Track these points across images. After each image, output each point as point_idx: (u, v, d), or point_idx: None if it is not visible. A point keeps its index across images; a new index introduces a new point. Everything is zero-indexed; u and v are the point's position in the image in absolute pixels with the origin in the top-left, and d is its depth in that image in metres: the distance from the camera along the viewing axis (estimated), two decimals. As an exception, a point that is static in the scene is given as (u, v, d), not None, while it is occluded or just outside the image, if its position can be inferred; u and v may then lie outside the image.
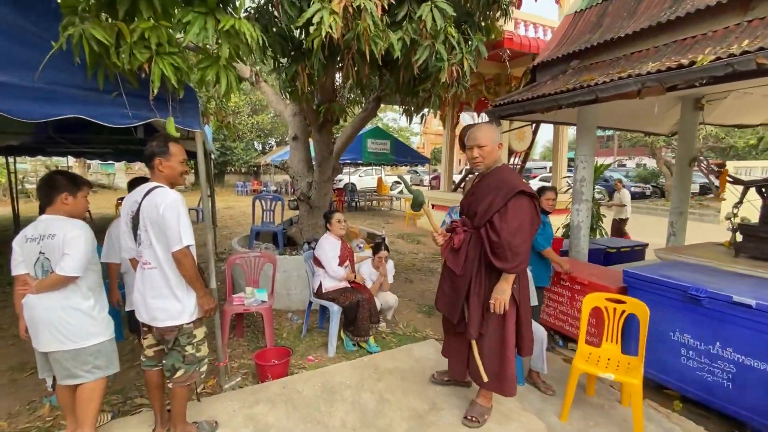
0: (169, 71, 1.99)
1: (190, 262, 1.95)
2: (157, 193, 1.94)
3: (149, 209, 1.92)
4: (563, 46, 4.82)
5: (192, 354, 2.06)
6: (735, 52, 2.62)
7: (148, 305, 1.99)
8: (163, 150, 2.00)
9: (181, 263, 1.93)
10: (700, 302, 2.61)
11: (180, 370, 2.04)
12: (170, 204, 1.89)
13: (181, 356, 2.04)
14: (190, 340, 2.05)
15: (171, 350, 2.04)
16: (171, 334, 2.01)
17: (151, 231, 1.94)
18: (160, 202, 1.90)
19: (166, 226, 1.90)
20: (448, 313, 2.32)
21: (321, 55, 2.55)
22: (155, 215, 1.91)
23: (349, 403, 2.51)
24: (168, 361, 2.05)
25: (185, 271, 1.95)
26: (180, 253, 1.91)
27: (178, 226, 1.89)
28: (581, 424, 2.50)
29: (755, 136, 14.70)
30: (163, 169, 2.02)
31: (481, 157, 2.23)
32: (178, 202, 1.92)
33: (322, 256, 3.50)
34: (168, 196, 1.92)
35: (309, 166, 5.00)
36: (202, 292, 2.06)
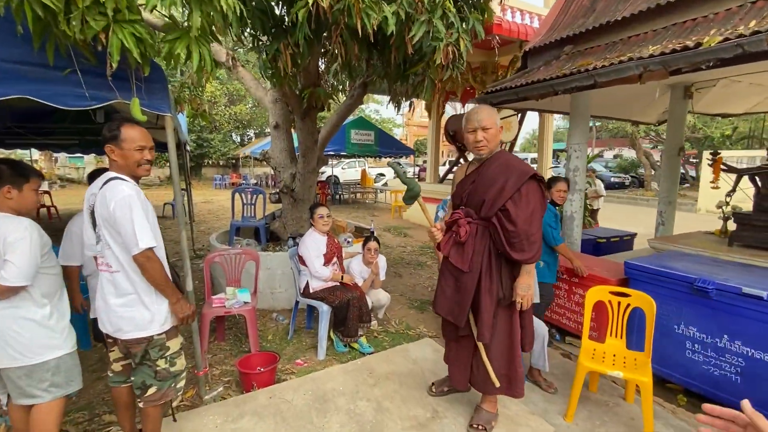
0: (130, 42, 1.71)
1: (155, 267, 1.69)
2: (109, 187, 1.67)
3: (101, 207, 1.66)
4: (555, 31, 4.67)
5: (165, 369, 1.79)
6: (744, 32, 2.51)
7: (112, 314, 1.72)
8: (114, 134, 1.70)
9: (145, 268, 1.67)
10: (707, 294, 2.51)
11: (152, 388, 1.78)
12: (120, 201, 1.63)
13: (152, 372, 1.78)
14: (163, 353, 1.79)
15: (140, 365, 1.78)
16: (138, 347, 1.74)
17: (106, 231, 1.68)
18: (110, 198, 1.63)
19: (119, 226, 1.64)
20: (453, 316, 2.10)
21: (307, 29, 2.28)
22: (106, 213, 1.64)
23: (344, 412, 2.30)
24: (137, 378, 1.78)
25: (150, 277, 1.70)
26: (141, 257, 1.65)
27: (132, 226, 1.62)
28: (588, 425, 2.39)
29: (730, 127, 15.11)
30: (115, 158, 1.73)
31: (485, 140, 2.03)
32: (131, 199, 1.64)
33: (305, 254, 3.25)
34: (118, 191, 1.64)
35: (292, 156, 4.72)
36: (174, 298, 1.79)
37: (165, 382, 1.81)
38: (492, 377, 2.08)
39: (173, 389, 1.85)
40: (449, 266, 2.15)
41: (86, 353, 3.12)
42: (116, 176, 1.72)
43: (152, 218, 1.78)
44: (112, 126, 1.71)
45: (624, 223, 9.47)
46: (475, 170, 2.14)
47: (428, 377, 2.68)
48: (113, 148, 1.71)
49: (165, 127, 2.30)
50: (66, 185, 18.57)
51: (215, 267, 4.16)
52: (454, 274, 2.11)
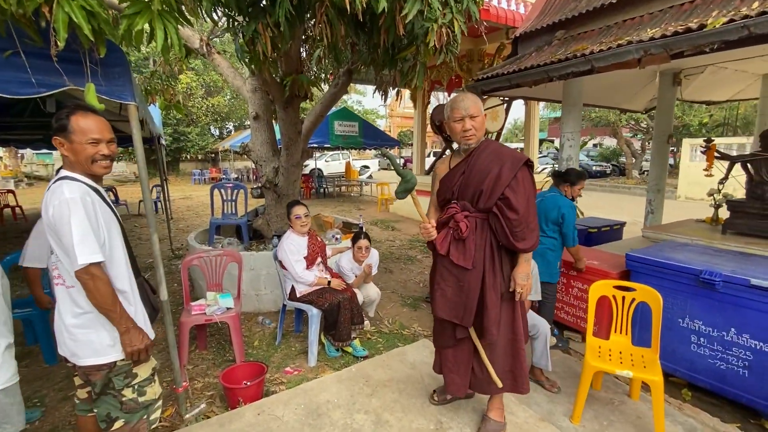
0: (79, 17, 1.45)
1: (98, 287, 1.41)
2: (51, 189, 1.40)
3: (43, 211, 1.40)
4: (546, 16, 4.52)
5: (133, 399, 1.54)
6: (749, 13, 2.39)
7: (66, 336, 1.47)
8: (61, 124, 1.43)
9: (87, 288, 1.40)
10: (713, 287, 2.43)
11: (118, 421, 1.52)
12: (58, 206, 1.36)
13: (117, 402, 1.52)
14: (129, 381, 1.53)
15: (102, 395, 1.51)
16: (97, 374, 1.48)
17: (52, 240, 1.42)
18: (49, 202, 1.37)
19: (59, 236, 1.37)
20: (459, 318, 1.95)
21: (288, 5, 2.04)
22: (47, 220, 1.38)
23: (341, 428, 2.12)
24: (101, 410, 1.52)
25: (93, 299, 1.42)
26: (82, 275, 1.38)
27: (70, 237, 1.34)
28: (595, 426, 2.29)
29: (707, 115, 15.44)
30: (65, 153, 1.46)
31: (474, 129, 1.92)
32: (69, 204, 1.36)
33: (284, 258, 3.01)
34: (57, 195, 1.38)
35: (274, 149, 4.45)
36: (123, 326, 1.47)
37: (134, 414, 1.55)
38: (494, 378, 1.97)
39: (145, 422, 1.60)
40: (447, 265, 1.99)
41: (51, 368, 2.85)
42: (66, 175, 1.45)
43: (109, 226, 1.50)
44: (61, 114, 1.43)
45: (608, 211, 9.55)
46: (462, 161, 2.01)
47: (428, 383, 2.53)
48: (62, 141, 1.44)
49: (129, 116, 2.04)
50: (33, 183, 17.62)
51: (194, 269, 3.90)
52: (455, 274, 1.96)
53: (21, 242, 2.33)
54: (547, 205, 3.09)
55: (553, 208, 3.02)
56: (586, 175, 3.26)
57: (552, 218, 3.02)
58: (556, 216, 2.99)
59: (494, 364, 1.99)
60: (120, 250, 1.54)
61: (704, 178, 4.21)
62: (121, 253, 1.54)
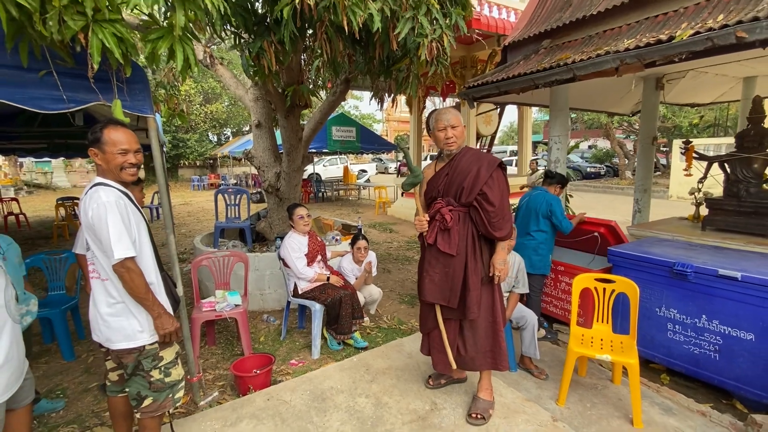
0: (111, 42, 1.65)
1: (133, 278, 1.61)
2: (89, 194, 1.62)
3: (82, 213, 1.62)
4: (533, 26, 4.75)
5: (160, 380, 1.74)
6: (713, 26, 2.62)
7: (101, 323, 1.67)
8: (96, 137, 1.64)
9: (123, 279, 1.61)
10: (686, 277, 2.63)
11: (148, 399, 1.73)
12: (96, 208, 1.57)
13: (146, 383, 1.72)
14: (156, 363, 1.73)
15: (133, 376, 1.72)
16: (129, 357, 1.69)
17: (89, 239, 1.65)
18: (88, 206, 1.59)
19: (97, 235, 1.59)
20: (446, 300, 2.20)
21: (292, 26, 2.25)
22: (86, 221, 1.60)
23: (344, 410, 2.31)
24: (132, 389, 1.73)
25: (129, 289, 1.63)
26: (119, 268, 1.59)
27: (107, 235, 1.56)
28: (579, 407, 2.47)
29: (697, 116, 15.76)
30: (99, 162, 1.68)
31: (455, 137, 2.24)
32: (106, 207, 1.57)
33: (286, 256, 3.22)
34: (95, 198, 1.59)
35: (276, 155, 4.65)
36: (156, 312, 1.69)
37: (161, 393, 1.76)
38: (450, 359, 2.25)
39: (171, 400, 1.80)
40: (435, 253, 2.25)
41: (70, 364, 3.03)
42: (100, 182, 1.66)
43: (138, 225, 1.72)
44: (95, 128, 1.65)
45: (601, 211, 9.77)
46: (446, 165, 2.30)
47: (424, 370, 2.72)
48: (96, 152, 1.66)
49: (147, 128, 2.24)
50: (33, 191, 17.73)
51: (202, 270, 4.08)
52: (441, 261, 2.22)
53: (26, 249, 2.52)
54: (536, 201, 3.33)
55: (542, 203, 3.27)
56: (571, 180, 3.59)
57: (542, 212, 3.27)
58: (545, 209, 3.24)
59: (476, 345, 2.25)
60: (147, 247, 1.74)
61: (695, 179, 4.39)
62: (149, 249, 1.75)
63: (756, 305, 2.37)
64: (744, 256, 2.82)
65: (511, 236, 2.28)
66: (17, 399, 1.70)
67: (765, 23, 2.38)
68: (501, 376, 2.70)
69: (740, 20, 2.50)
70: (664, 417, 2.38)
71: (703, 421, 2.34)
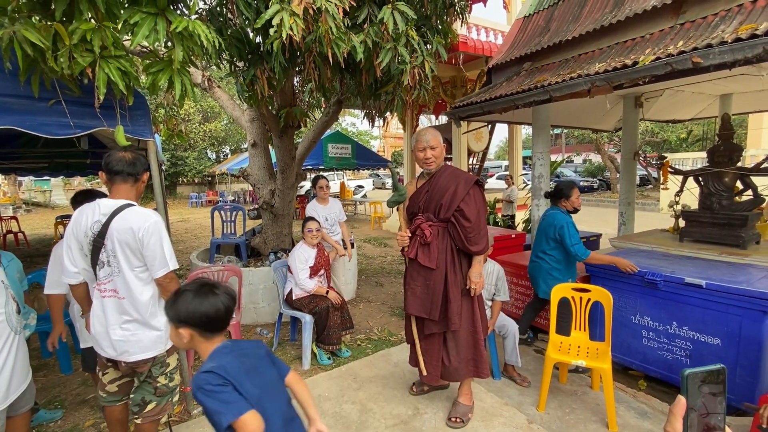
0: (116, 76, 1.83)
1: (177, 287, 1.80)
2: (132, 215, 1.76)
3: (123, 233, 1.73)
4: (515, 49, 5.01)
5: (165, 385, 1.89)
6: (672, 52, 2.84)
7: (117, 338, 1.78)
8: (146, 162, 1.88)
9: (167, 288, 1.80)
10: (656, 286, 2.78)
11: (151, 404, 1.86)
12: (152, 227, 1.76)
13: (152, 388, 1.86)
14: (164, 369, 1.88)
15: (142, 383, 1.86)
16: (145, 366, 1.83)
17: (122, 257, 1.75)
18: (138, 226, 1.73)
19: (147, 251, 1.75)
20: (427, 312, 2.30)
21: (282, 58, 2.45)
22: (130, 240, 1.73)
23: (330, 415, 2.42)
24: (137, 395, 1.86)
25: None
26: (166, 278, 1.79)
27: (162, 249, 1.77)
28: (558, 413, 2.58)
29: (685, 130, 16.15)
30: (143, 183, 1.89)
31: (433, 157, 2.35)
32: (160, 224, 1.80)
33: (292, 264, 3.38)
34: (148, 218, 1.77)
35: (270, 172, 4.83)
36: None
37: (164, 397, 1.89)
38: (421, 367, 2.37)
39: (170, 403, 1.94)
40: (416, 267, 2.37)
41: (68, 377, 3.12)
42: (129, 203, 1.80)
43: None
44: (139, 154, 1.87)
45: (592, 224, 9.94)
46: (426, 182, 2.44)
47: (410, 378, 2.83)
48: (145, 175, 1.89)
49: (147, 150, 2.41)
50: (32, 209, 17.85)
51: (197, 285, 4.20)
52: (422, 274, 2.34)
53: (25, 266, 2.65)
54: (546, 223, 3.23)
55: (550, 225, 3.14)
56: (574, 183, 3.40)
57: (550, 234, 3.14)
58: (553, 233, 3.10)
59: (459, 355, 2.34)
60: None
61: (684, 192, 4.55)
62: None
63: (720, 311, 2.51)
64: (712, 265, 2.97)
65: (487, 250, 2.40)
66: (16, 406, 1.80)
67: (717, 50, 2.60)
68: (485, 383, 2.81)
69: (696, 47, 2.72)
70: (639, 420, 2.49)
71: (675, 424, 2.45)
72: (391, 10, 2.53)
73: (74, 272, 1.82)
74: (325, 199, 4.07)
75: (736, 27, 2.74)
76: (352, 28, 2.60)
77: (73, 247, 1.81)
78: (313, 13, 2.21)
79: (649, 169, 18.78)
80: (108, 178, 1.80)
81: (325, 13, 2.19)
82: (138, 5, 1.88)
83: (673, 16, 3.38)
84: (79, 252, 1.81)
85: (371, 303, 4.78)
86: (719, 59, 2.59)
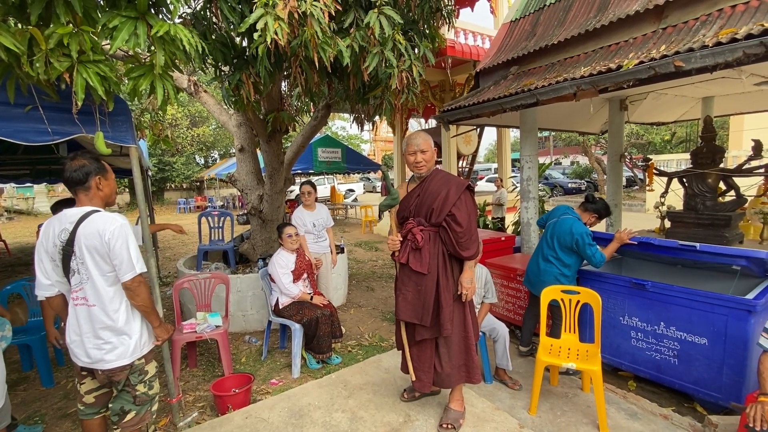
0: (95, 81, 1.78)
1: (145, 291, 1.80)
2: (98, 220, 1.72)
3: (90, 238, 1.70)
4: (502, 53, 5.05)
5: (144, 393, 1.86)
6: (655, 56, 2.88)
7: (90, 347, 1.74)
8: (100, 167, 1.80)
9: (135, 293, 1.77)
10: (644, 287, 2.80)
11: (130, 413, 1.83)
12: (117, 231, 1.73)
13: (131, 397, 1.83)
14: (142, 377, 1.85)
15: (120, 392, 1.82)
16: (121, 374, 1.79)
17: (91, 263, 1.71)
18: (103, 230, 1.70)
19: (114, 255, 1.72)
20: (419, 318, 2.26)
21: (267, 63, 2.43)
22: (98, 244, 1.69)
23: (320, 425, 2.37)
24: (116, 405, 1.82)
25: (141, 301, 1.79)
26: (134, 282, 1.75)
27: (128, 253, 1.73)
28: (549, 416, 2.57)
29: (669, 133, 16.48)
30: (103, 188, 1.82)
31: (424, 161, 2.32)
32: (126, 227, 1.77)
33: (273, 272, 3.33)
34: (113, 222, 1.73)
35: (258, 178, 4.78)
36: (158, 321, 1.91)
37: (143, 406, 1.86)
38: (411, 373, 2.36)
39: (149, 412, 1.90)
40: (407, 273, 2.33)
41: (48, 391, 3.02)
42: (95, 209, 1.77)
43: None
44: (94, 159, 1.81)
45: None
46: (417, 186, 2.40)
47: (401, 384, 2.80)
48: (101, 179, 1.82)
49: (129, 156, 2.36)
50: (14, 217, 17.42)
51: (184, 293, 4.13)
52: (414, 279, 2.30)
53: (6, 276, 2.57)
54: (561, 229, 3.01)
55: (567, 234, 2.95)
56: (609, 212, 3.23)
57: (565, 243, 2.97)
58: (570, 242, 2.93)
59: (451, 361, 2.31)
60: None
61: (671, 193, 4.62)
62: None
63: (706, 311, 2.54)
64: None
65: (479, 255, 2.37)
66: None
67: (698, 54, 2.64)
68: (476, 387, 2.80)
69: (678, 51, 2.76)
70: (630, 421, 2.50)
71: (665, 424, 2.46)
72: (377, 15, 2.52)
73: (48, 284, 1.81)
74: (310, 205, 4.02)
75: (716, 31, 2.80)
76: (338, 32, 2.59)
77: (45, 260, 1.79)
78: (299, 17, 2.18)
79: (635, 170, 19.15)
80: (67, 187, 1.80)
81: (310, 17, 2.17)
82: (117, 9, 1.84)
83: (656, 20, 3.44)
84: (51, 263, 1.79)
85: (362, 308, 4.74)
86: (700, 63, 2.64)
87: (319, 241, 4.03)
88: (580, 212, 3.17)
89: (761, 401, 1.73)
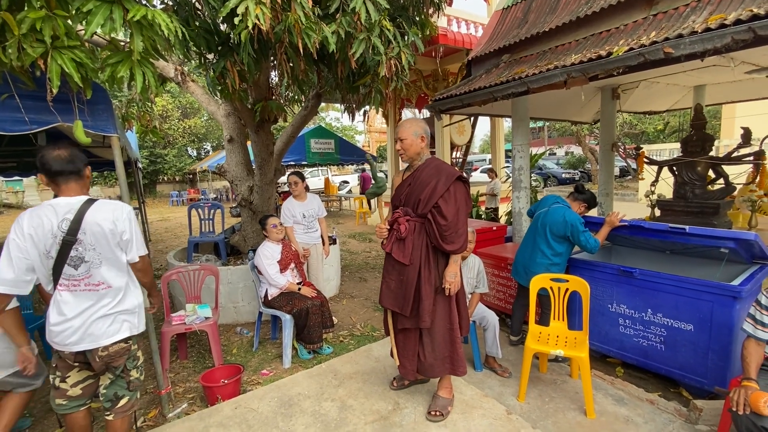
0: (70, 67, 1.73)
1: (150, 268, 2.00)
2: (106, 206, 1.77)
3: (103, 224, 1.73)
4: (494, 41, 5.00)
5: (137, 378, 1.94)
6: (645, 43, 2.86)
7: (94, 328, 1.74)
8: (85, 157, 1.82)
9: (145, 271, 1.94)
10: (632, 274, 2.82)
11: (124, 398, 1.89)
12: (128, 215, 1.83)
13: (125, 383, 1.89)
14: (135, 363, 1.94)
15: (117, 377, 1.87)
16: (120, 360, 1.83)
17: (101, 249, 1.75)
18: (117, 216, 1.77)
19: (127, 238, 1.81)
20: (399, 307, 2.27)
21: (250, 49, 2.37)
22: (110, 229, 1.75)
23: (310, 414, 2.38)
24: (109, 391, 1.86)
25: (147, 278, 1.99)
26: (143, 262, 1.90)
27: (136, 237, 1.86)
28: (538, 402, 2.60)
29: (662, 122, 16.53)
30: (89, 175, 1.86)
31: (403, 149, 2.31)
32: (133, 212, 1.89)
33: (260, 264, 3.30)
34: (123, 207, 1.83)
35: (248, 169, 4.73)
36: (155, 291, 2.16)
37: (135, 392, 1.93)
38: (395, 358, 2.40)
39: (137, 399, 1.97)
40: (392, 262, 2.33)
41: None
42: (93, 197, 1.80)
43: None
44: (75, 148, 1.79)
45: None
46: (410, 174, 2.37)
47: (390, 373, 2.81)
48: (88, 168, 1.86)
49: (112, 146, 2.31)
50: (3, 211, 17.19)
51: (174, 285, 4.10)
52: (397, 269, 2.30)
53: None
54: (552, 218, 2.99)
55: (560, 222, 2.93)
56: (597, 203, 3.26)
57: (558, 232, 2.95)
58: (563, 230, 2.92)
59: (435, 352, 2.31)
60: None
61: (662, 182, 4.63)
62: None
63: (692, 297, 2.56)
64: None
65: (465, 250, 2.29)
66: None
67: (687, 40, 2.62)
68: (466, 375, 2.80)
69: (667, 37, 2.74)
70: (616, 407, 2.53)
71: (651, 409, 2.50)
72: (363, 0, 2.47)
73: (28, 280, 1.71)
74: (299, 195, 3.98)
75: (706, 17, 2.78)
76: (323, 18, 2.54)
77: (30, 254, 1.68)
78: (282, 1, 2.13)
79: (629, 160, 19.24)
80: (50, 179, 1.72)
81: (293, 1, 2.12)
82: (92, -8, 1.78)
83: (646, 6, 3.41)
84: (41, 256, 1.69)
85: (355, 299, 4.75)
86: (690, 49, 2.62)
87: (309, 231, 4.00)
88: (570, 202, 3.15)
89: (744, 386, 1.75)
